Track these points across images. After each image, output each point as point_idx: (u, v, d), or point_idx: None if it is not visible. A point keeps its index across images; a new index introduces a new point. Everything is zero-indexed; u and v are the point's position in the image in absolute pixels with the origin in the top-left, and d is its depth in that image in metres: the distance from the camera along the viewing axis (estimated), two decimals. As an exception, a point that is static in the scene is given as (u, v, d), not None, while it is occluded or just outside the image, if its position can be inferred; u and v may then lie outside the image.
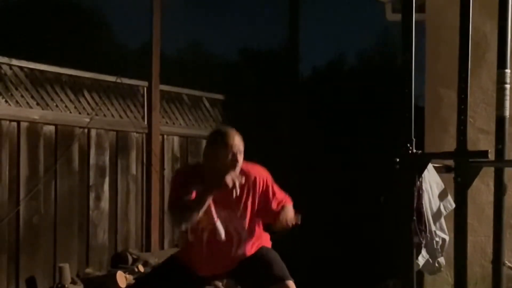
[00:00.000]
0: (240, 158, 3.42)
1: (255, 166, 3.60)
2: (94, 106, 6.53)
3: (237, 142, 3.43)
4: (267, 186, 3.59)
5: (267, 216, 3.61)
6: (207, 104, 7.86)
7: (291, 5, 8.88)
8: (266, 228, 3.74)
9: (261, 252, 3.65)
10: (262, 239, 3.72)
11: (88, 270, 6.26)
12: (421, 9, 5.43)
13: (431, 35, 5.50)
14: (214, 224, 3.50)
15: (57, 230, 6.10)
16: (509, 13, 3.53)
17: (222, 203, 3.47)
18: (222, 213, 3.50)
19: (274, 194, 3.62)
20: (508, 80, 3.52)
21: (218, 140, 3.43)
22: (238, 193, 3.41)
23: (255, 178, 3.55)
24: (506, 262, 3.71)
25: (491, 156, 3.29)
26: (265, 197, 3.58)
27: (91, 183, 6.44)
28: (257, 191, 3.56)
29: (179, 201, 3.38)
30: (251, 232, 3.62)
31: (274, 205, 3.61)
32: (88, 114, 6.46)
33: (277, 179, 3.70)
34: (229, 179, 3.32)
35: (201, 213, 3.36)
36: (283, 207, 3.60)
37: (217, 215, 3.49)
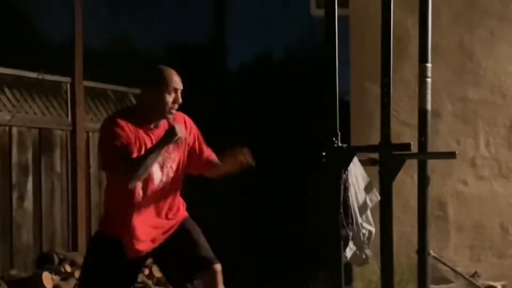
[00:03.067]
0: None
1: (180, 112, 3.53)
2: (15, 103, 6.35)
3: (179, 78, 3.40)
4: (196, 133, 3.60)
5: (200, 163, 3.57)
6: (133, 100, 7.76)
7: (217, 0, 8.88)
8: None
9: (187, 228, 3.52)
10: (183, 204, 3.60)
11: (13, 271, 6.09)
12: (344, 4, 5.49)
13: (355, 30, 5.58)
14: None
15: (-21, 232, 5.92)
16: (430, 8, 3.61)
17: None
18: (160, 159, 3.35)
19: (202, 142, 3.62)
20: (429, 74, 3.60)
21: (163, 76, 3.33)
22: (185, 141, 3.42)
23: (185, 123, 3.54)
24: (431, 252, 3.80)
25: (414, 149, 3.37)
26: (198, 144, 3.57)
27: (13, 182, 6.26)
28: (191, 137, 3.53)
29: (128, 154, 3.21)
30: (180, 181, 3.53)
31: (208, 153, 3.60)
32: (9, 111, 6.27)
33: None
34: (181, 133, 3.28)
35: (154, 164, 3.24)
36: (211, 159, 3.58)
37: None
